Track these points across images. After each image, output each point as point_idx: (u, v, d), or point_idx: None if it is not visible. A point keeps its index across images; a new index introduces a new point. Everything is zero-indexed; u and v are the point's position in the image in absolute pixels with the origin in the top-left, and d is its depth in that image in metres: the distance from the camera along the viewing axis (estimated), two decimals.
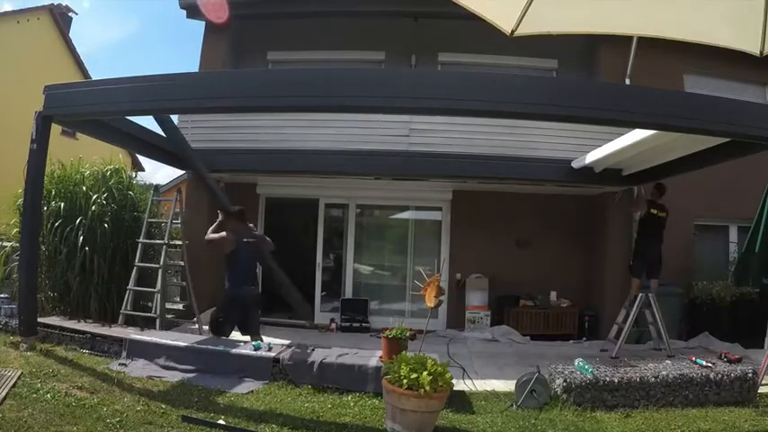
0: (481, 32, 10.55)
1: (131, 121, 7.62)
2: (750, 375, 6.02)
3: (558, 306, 10.25)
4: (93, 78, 18.24)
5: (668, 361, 6.53)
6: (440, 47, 11.12)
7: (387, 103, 6.14)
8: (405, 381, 4.63)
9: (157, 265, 8.12)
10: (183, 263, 8.44)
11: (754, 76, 10.84)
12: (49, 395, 4.80)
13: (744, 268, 8.78)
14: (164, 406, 4.87)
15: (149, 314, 7.90)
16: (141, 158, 20.02)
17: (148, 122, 8.12)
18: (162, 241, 8.24)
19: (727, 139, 6.41)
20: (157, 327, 7.70)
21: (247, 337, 7.11)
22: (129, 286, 8.00)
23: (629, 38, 9.92)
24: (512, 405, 5.60)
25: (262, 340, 6.94)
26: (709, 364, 6.17)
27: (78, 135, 12.64)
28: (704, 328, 9.42)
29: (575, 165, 9.09)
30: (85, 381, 5.36)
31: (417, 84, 6.13)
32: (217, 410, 4.89)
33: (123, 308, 7.87)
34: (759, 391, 6.06)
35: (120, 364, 6.06)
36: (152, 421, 4.47)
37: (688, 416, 5.47)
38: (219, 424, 4.51)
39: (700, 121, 5.89)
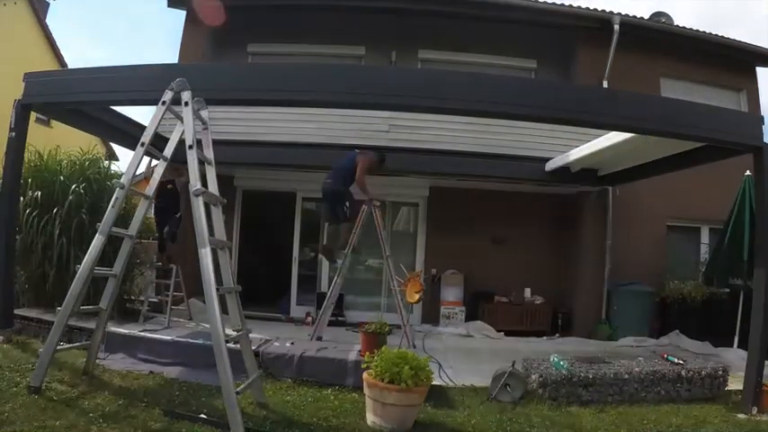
0: (461, 31, 10.73)
1: (113, 111, 7.54)
2: (720, 373, 6.22)
3: (532, 303, 10.39)
4: (70, 67, 17.99)
5: (640, 358, 6.70)
6: (420, 44, 11.12)
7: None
8: (386, 375, 4.70)
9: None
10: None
11: (729, 82, 11.05)
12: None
13: (712, 269, 9.00)
14: (145, 400, 4.86)
15: (95, 307, 5.77)
16: (116, 147, 19.76)
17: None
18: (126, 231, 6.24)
19: (703, 144, 6.57)
20: (104, 323, 5.83)
21: (231, 332, 7.07)
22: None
23: (608, 41, 10.10)
24: (487, 399, 5.70)
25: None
26: (681, 362, 6.36)
27: (53, 123, 12.45)
28: (675, 327, 9.64)
29: (552, 164, 9.22)
30: (65, 374, 5.32)
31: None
32: (198, 405, 4.89)
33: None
34: (728, 388, 6.26)
35: (98, 358, 6.01)
36: (134, 415, 4.46)
37: (660, 411, 5.64)
38: (201, 418, 4.51)
39: (676, 126, 6.03)
